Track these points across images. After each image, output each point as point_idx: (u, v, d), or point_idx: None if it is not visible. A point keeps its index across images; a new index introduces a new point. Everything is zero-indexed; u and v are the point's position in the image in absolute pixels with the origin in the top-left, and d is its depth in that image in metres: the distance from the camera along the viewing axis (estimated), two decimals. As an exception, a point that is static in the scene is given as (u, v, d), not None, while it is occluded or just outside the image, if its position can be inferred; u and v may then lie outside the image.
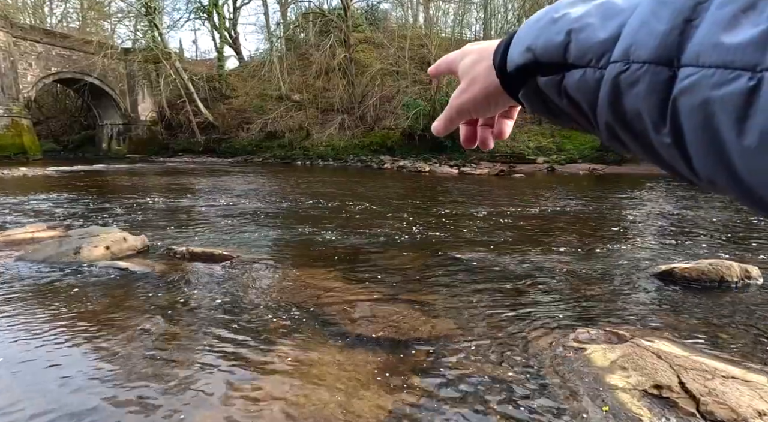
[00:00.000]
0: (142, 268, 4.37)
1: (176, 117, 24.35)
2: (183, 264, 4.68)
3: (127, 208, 8.13)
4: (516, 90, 0.38)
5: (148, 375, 2.54)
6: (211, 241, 5.70)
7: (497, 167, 16.60)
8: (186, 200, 9.18)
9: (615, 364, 2.53)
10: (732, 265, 4.11)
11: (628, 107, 0.28)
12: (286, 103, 23.14)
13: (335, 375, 2.56)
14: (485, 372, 2.60)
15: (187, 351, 2.86)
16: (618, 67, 0.28)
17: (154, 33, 23.96)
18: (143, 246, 5.13)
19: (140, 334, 3.07)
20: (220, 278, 4.25)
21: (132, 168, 18.07)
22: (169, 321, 3.29)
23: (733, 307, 3.58)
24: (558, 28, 0.32)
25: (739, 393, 2.18)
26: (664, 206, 8.92)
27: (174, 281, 4.16)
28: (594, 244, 5.59)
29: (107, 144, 25.74)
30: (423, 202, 9.06)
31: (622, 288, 4.06)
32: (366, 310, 3.49)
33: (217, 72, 27.11)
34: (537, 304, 3.64)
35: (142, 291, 3.88)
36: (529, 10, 22.78)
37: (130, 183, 12.47)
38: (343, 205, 8.68)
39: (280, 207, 8.50)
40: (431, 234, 6.14)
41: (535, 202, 9.24)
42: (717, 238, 6.06)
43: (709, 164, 0.25)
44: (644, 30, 0.26)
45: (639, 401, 2.23)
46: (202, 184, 12.44)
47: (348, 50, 22.48)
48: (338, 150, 20.68)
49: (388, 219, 7.31)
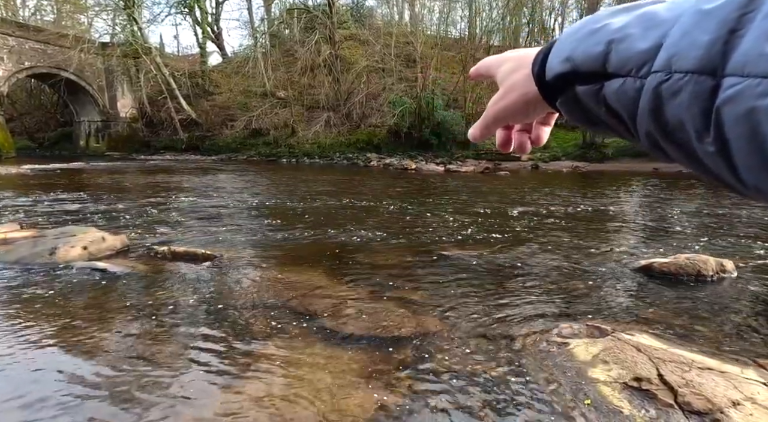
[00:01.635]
0: (122, 269, 4.26)
1: (157, 114, 23.78)
2: (165, 264, 4.58)
3: (106, 207, 7.91)
4: (554, 98, 0.38)
5: (129, 378, 2.48)
6: (193, 241, 5.59)
7: (482, 165, 16.74)
8: (168, 199, 8.99)
9: (597, 358, 2.58)
10: (708, 260, 4.23)
11: (670, 116, 0.28)
12: (270, 100, 22.84)
13: (321, 374, 2.54)
14: (471, 368, 2.62)
15: (170, 353, 2.79)
16: (659, 76, 0.28)
17: (134, 27, 23.29)
18: (123, 246, 5.00)
19: (120, 337, 2.99)
20: (203, 278, 4.18)
21: (111, 166, 17.59)
22: (151, 322, 3.21)
23: (708, 300, 3.69)
24: (598, 39, 0.32)
25: (715, 384, 2.25)
26: (644, 202, 9.14)
27: (155, 282, 4.07)
28: (577, 240, 5.69)
29: (85, 141, 24.99)
30: (409, 200, 9.07)
31: (604, 283, 4.14)
32: (352, 308, 3.48)
33: (199, 68, 26.56)
34: (521, 300, 3.68)
35: (121, 293, 3.78)
36: (513, 8, 22.99)
37: (110, 181, 12.15)
38: (329, 202, 8.63)
39: (264, 205, 8.40)
40: (417, 231, 6.15)
41: (520, 199, 9.36)
42: (694, 234, 6.24)
43: (755, 172, 0.25)
44: (687, 40, 0.27)
45: (620, 394, 2.27)
46: (184, 182, 12.20)
47: (333, 47, 22.30)
48: (324, 147, 20.53)
49: (374, 216, 7.30)
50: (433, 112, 19.03)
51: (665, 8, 0.30)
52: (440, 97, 19.48)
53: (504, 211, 7.83)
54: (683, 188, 11.20)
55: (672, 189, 11.10)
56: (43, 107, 29.55)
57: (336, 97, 22.37)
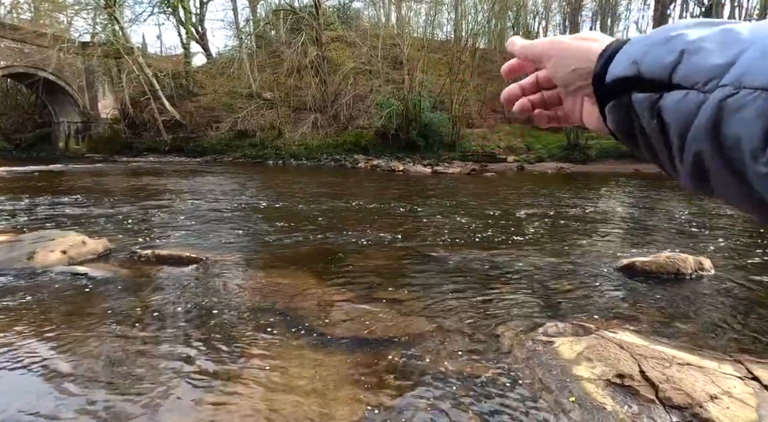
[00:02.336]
0: (104, 273, 4.16)
1: (140, 115, 23.28)
2: (148, 267, 4.49)
3: (87, 210, 7.72)
4: (606, 100, 0.38)
5: (112, 385, 2.42)
6: (178, 244, 5.50)
7: (469, 166, 16.87)
8: (151, 201, 8.82)
9: (581, 356, 2.63)
10: (687, 258, 4.35)
11: (728, 133, 0.27)
12: (257, 101, 22.60)
13: (309, 377, 2.52)
14: (459, 368, 2.64)
15: (155, 358, 2.74)
16: (727, 90, 0.27)
17: (115, 27, 22.78)
18: (105, 249, 4.89)
19: (102, 342, 2.92)
20: (188, 281, 4.11)
21: (92, 168, 17.17)
22: (134, 327, 3.15)
23: (688, 298, 3.79)
24: (670, 47, 0.32)
25: (694, 379, 2.31)
26: (627, 203, 9.35)
27: (139, 286, 3.99)
28: (562, 240, 5.79)
29: (64, 143, 24.32)
30: (397, 201, 9.09)
31: (587, 282, 4.22)
32: (340, 311, 3.47)
33: (183, 68, 26.14)
34: (508, 300, 3.73)
35: (103, 298, 3.70)
36: (498, 12, 23.29)
37: (91, 184, 11.86)
38: (317, 204, 8.59)
39: (251, 207, 8.31)
40: (405, 233, 6.17)
41: (506, 200, 9.47)
42: (674, 233, 6.41)
43: None
44: (765, 61, 0.26)
45: (603, 390, 2.32)
46: (168, 184, 11.98)
47: (320, 48, 22.22)
48: (311, 149, 20.41)
49: (361, 218, 7.29)
50: (420, 113, 19.12)
51: (748, 29, 0.29)
52: (427, 99, 19.58)
53: (490, 212, 7.91)
54: (663, 188, 11.50)
55: (652, 189, 11.38)
56: (20, 108, 28.65)
57: (323, 98, 22.28)
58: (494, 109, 23.20)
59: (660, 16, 21.32)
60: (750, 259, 4.90)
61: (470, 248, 5.36)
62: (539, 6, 25.82)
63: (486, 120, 22.19)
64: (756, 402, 2.16)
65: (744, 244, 5.59)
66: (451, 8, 25.91)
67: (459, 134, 19.38)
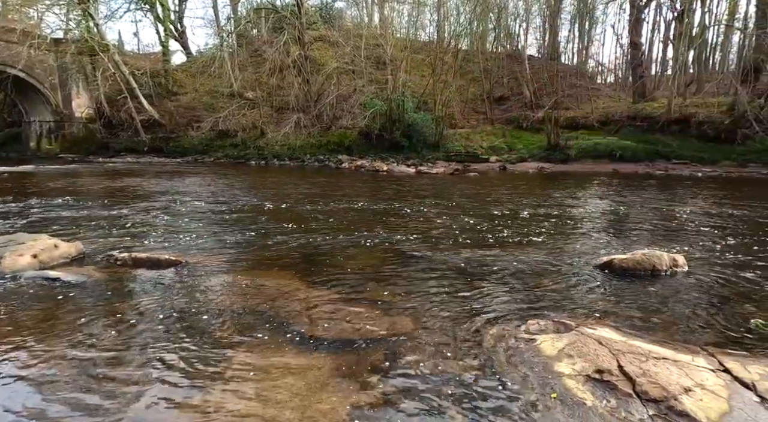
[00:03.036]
0: (77, 277, 4.02)
1: (117, 114, 22.57)
2: (125, 271, 4.36)
3: (59, 212, 7.45)
4: None
5: (86, 394, 2.34)
6: (157, 246, 5.36)
7: (453, 166, 17.00)
8: (129, 203, 8.57)
9: (562, 352, 2.67)
10: (662, 255, 4.49)
11: None
12: (238, 100, 22.22)
13: (293, 380, 2.49)
14: (443, 367, 2.65)
15: (132, 364, 2.66)
16: None
17: (89, 23, 22.05)
18: (78, 253, 4.73)
19: (75, 350, 2.81)
20: (167, 285, 4.01)
21: (66, 169, 16.59)
22: (109, 333, 3.05)
23: (663, 293, 3.91)
24: None
25: (669, 372, 2.38)
26: (605, 201, 9.58)
27: (115, 290, 3.87)
28: (543, 238, 5.88)
29: (36, 142, 23.39)
30: (381, 201, 9.09)
31: (568, 279, 4.30)
32: (324, 311, 3.44)
33: (162, 67, 25.50)
34: (491, 299, 3.77)
35: (77, 303, 3.57)
36: (480, 14, 23.55)
37: (64, 185, 11.45)
38: (300, 205, 8.51)
39: (232, 208, 8.17)
40: (389, 232, 6.17)
41: (488, 200, 9.58)
42: (650, 230, 6.60)
43: None
44: None
45: (583, 386, 2.36)
46: (147, 185, 11.67)
47: (303, 48, 22.01)
48: (294, 149, 20.20)
49: (346, 218, 7.26)
50: (403, 114, 19.17)
51: None
52: (411, 100, 19.65)
53: (473, 211, 7.99)
54: (639, 187, 11.84)
55: (629, 187, 11.70)
56: (-13, 106, 27.43)
57: (306, 98, 22.09)
58: (476, 110, 23.47)
59: (635, 20, 21.95)
60: (720, 256, 5.08)
61: (453, 247, 5.40)
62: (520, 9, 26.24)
63: (468, 120, 22.41)
64: (727, 394, 2.24)
65: (715, 242, 5.80)
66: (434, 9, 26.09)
67: (442, 134, 19.52)
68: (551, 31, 26.09)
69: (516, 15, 26.39)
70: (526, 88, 23.11)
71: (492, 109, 22.83)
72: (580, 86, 23.77)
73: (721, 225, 6.84)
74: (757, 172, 15.17)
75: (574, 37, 28.70)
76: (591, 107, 21.05)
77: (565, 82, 23.13)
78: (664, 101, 19.13)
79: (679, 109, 18.25)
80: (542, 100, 21.97)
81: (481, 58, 23.92)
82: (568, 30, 29.01)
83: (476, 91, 23.74)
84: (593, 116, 20.16)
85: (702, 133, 17.40)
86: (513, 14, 26.26)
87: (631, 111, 19.75)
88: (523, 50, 25.40)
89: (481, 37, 25.29)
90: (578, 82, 24.15)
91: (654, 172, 15.96)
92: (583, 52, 28.69)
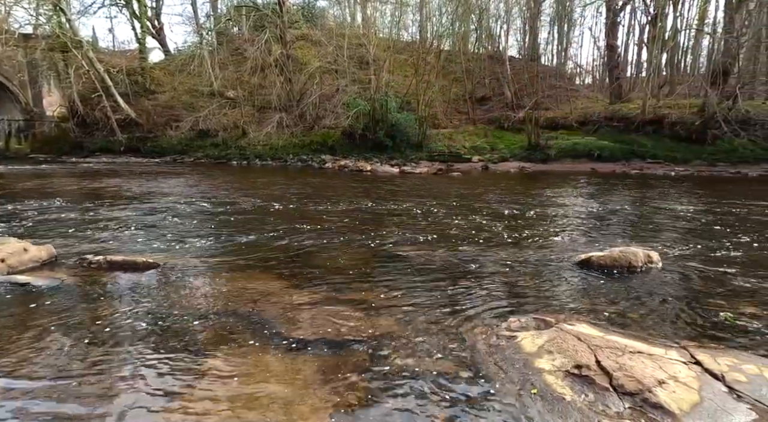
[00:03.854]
0: (48, 282, 3.88)
1: (91, 113, 21.83)
2: (100, 275, 4.23)
3: (29, 215, 7.16)
4: None
5: (60, 402, 2.25)
6: (134, 249, 5.22)
7: (436, 166, 17.12)
8: (104, 204, 8.31)
9: (542, 349, 2.72)
10: (637, 252, 4.62)
11: None
12: (219, 99, 21.82)
13: (275, 382, 2.46)
14: (425, 367, 2.66)
15: (108, 371, 2.58)
16: None
17: (61, 18, 21.29)
18: (49, 257, 4.56)
19: (47, 357, 2.71)
20: (144, 288, 3.91)
21: (36, 169, 15.98)
22: (85, 339, 2.95)
23: (638, 289, 4.02)
24: None
25: (644, 366, 2.45)
26: (583, 199, 9.81)
27: (89, 294, 3.75)
28: (523, 237, 5.98)
29: (4, 142, 22.43)
30: (365, 201, 9.07)
31: (548, 277, 4.38)
32: (306, 313, 3.41)
33: (139, 65, 24.83)
34: (473, 297, 3.80)
35: (48, 308, 3.44)
36: (461, 15, 23.77)
37: (34, 186, 11.02)
38: (283, 205, 8.42)
39: (213, 210, 8.02)
40: (372, 233, 6.16)
41: (471, 199, 9.68)
42: (626, 228, 6.79)
43: None
44: None
45: (562, 381, 2.41)
46: (123, 186, 11.35)
47: (285, 47, 21.77)
48: (277, 149, 19.97)
49: (329, 219, 7.22)
50: (387, 114, 19.19)
51: None
52: (394, 100, 19.68)
53: (455, 211, 8.06)
54: (616, 186, 12.17)
55: (607, 186, 12.02)
56: (-49, 104, 26.12)
57: (288, 97, 21.86)
58: (459, 110, 23.69)
59: (611, 23, 22.55)
60: (692, 252, 5.27)
61: (435, 246, 5.43)
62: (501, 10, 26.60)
63: (451, 120, 22.60)
64: (698, 385, 2.32)
65: (687, 238, 6.01)
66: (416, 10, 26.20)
67: (426, 134, 19.62)
68: (531, 32, 26.55)
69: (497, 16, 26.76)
70: (507, 88, 23.45)
71: (474, 109, 23.08)
72: (560, 87, 24.28)
73: (693, 223, 7.10)
74: (726, 171, 15.79)
75: (553, 38, 29.27)
76: (570, 108, 21.50)
77: (545, 82, 23.58)
78: (639, 102, 19.72)
79: (653, 110, 18.84)
80: (523, 101, 22.34)
81: (463, 59, 24.14)
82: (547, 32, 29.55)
83: (459, 91, 23.95)
84: (572, 117, 20.60)
85: (675, 133, 18.01)
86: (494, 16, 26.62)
87: (608, 112, 20.28)
88: (504, 51, 25.76)
89: (463, 38, 25.53)
90: (558, 83, 24.66)
91: (630, 171, 16.43)
92: (562, 54, 29.30)
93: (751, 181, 13.85)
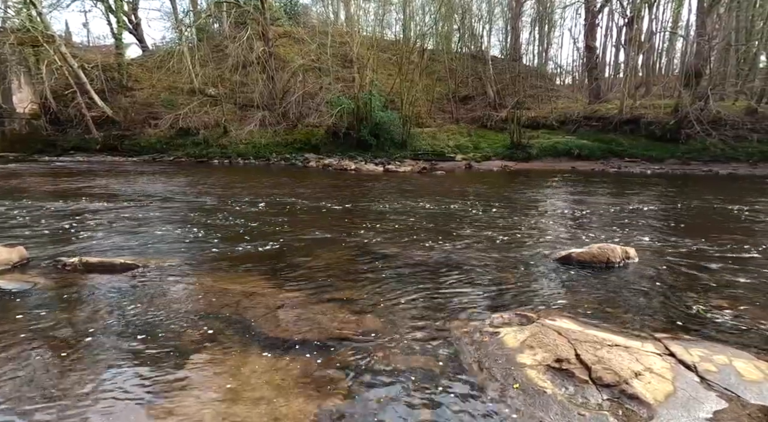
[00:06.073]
0: (19, 285, 3.74)
1: (65, 110, 21.10)
2: (75, 277, 4.10)
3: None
4: None
5: (37, 411, 2.18)
6: (111, 250, 5.08)
7: (420, 164, 17.19)
8: (79, 205, 8.06)
9: (524, 344, 2.77)
10: (615, 248, 4.75)
11: None
12: (199, 97, 21.39)
13: (259, 384, 2.44)
14: (410, 364, 2.68)
15: (85, 377, 2.51)
16: None
17: (31, 11, 20.49)
18: (21, 259, 4.40)
19: (20, 364, 2.62)
20: (123, 291, 3.81)
21: (5, 168, 15.36)
22: (59, 344, 2.86)
23: (616, 284, 4.14)
24: None
25: (621, 359, 2.53)
26: (564, 197, 10.03)
27: (63, 298, 3.63)
28: (506, 234, 6.07)
29: (-28, 140, 21.54)
30: (349, 200, 9.05)
31: (530, 273, 4.47)
32: (290, 313, 3.39)
33: (115, 60, 24.11)
34: (456, 294, 3.85)
35: (20, 313, 3.32)
36: (444, 14, 23.92)
37: (3, 186, 10.59)
38: (266, 204, 8.32)
39: (194, 209, 7.87)
40: (356, 231, 6.16)
41: (454, 197, 9.77)
42: (605, 225, 6.97)
43: None
44: None
45: (543, 375, 2.47)
46: (99, 185, 11.01)
47: (267, 44, 21.48)
48: (259, 148, 19.71)
49: (313, 218, 7.17)
50: (370, 112, 19.16)
51: None
52: (378, 98, 19.67)
53: (439, 209, 8.12)
54: (596, 184, 12.47)
55: (587, 184, 12.31)
56: None
57: (271, 95, 21.59)
58: (442, 109, 23.85)
59: (590, 25, 23.06)
60: (667, 247, 5.45)
61: (419, 244, 5.47)
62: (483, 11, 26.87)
63: (435, 119, 22.73)
64: (672, 376, 2.41)
65: (662, 234, 6.21)
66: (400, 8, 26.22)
67: (409, 133, 19.68)
68: (513, 33, 26.93)
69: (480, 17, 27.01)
70: (489, 88, 23.72)
71: (457, 108, 23.28)
72: (541, 87, 24.71)
73: (668, 219, 7.34)
74: (698, 169, 16.37)
75: (534, 39, 29.73)
76: (551, 107, 21.91)
77: (526, 82, 23.96)
78: (617, 102, 20.24)
79: (630, 110, 19.37)
80: (505, 100, 22.65)
81: (447, 58, 24.31)
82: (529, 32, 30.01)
83: (442, 90, 24.11)
84: (553, 116, 21.00)
85: (650, 132, 18.56)
86: (477, 16, 26.86)
87: (587, 111, 20.75)
88: (487, 51, 26.04)
89: (446, 38, 25.70)
90: (539, 83, 25.09)
91: (608, 169, 16.86)
92: (543, 54, 29.82)
93: (721, 179, 14.40)
